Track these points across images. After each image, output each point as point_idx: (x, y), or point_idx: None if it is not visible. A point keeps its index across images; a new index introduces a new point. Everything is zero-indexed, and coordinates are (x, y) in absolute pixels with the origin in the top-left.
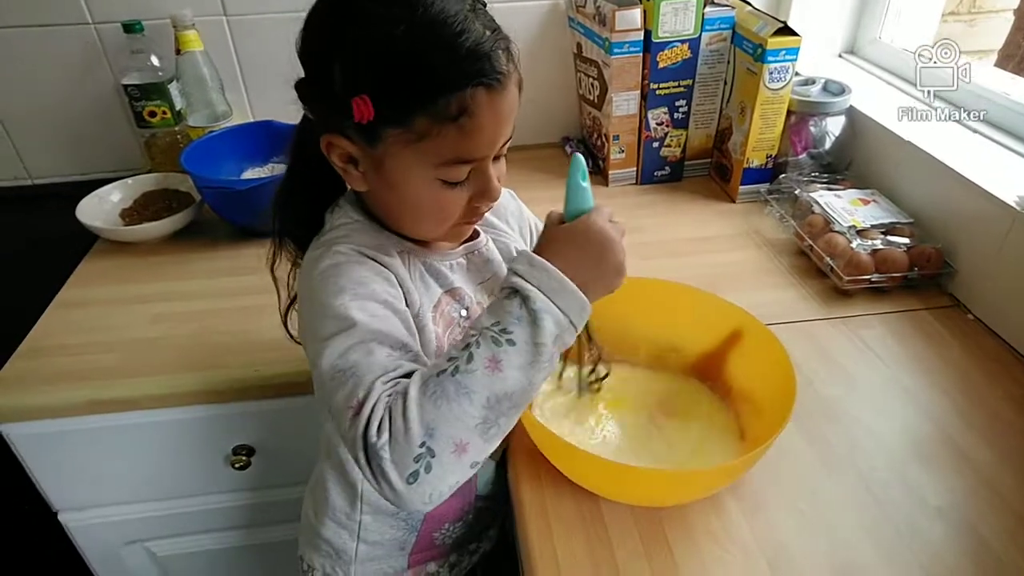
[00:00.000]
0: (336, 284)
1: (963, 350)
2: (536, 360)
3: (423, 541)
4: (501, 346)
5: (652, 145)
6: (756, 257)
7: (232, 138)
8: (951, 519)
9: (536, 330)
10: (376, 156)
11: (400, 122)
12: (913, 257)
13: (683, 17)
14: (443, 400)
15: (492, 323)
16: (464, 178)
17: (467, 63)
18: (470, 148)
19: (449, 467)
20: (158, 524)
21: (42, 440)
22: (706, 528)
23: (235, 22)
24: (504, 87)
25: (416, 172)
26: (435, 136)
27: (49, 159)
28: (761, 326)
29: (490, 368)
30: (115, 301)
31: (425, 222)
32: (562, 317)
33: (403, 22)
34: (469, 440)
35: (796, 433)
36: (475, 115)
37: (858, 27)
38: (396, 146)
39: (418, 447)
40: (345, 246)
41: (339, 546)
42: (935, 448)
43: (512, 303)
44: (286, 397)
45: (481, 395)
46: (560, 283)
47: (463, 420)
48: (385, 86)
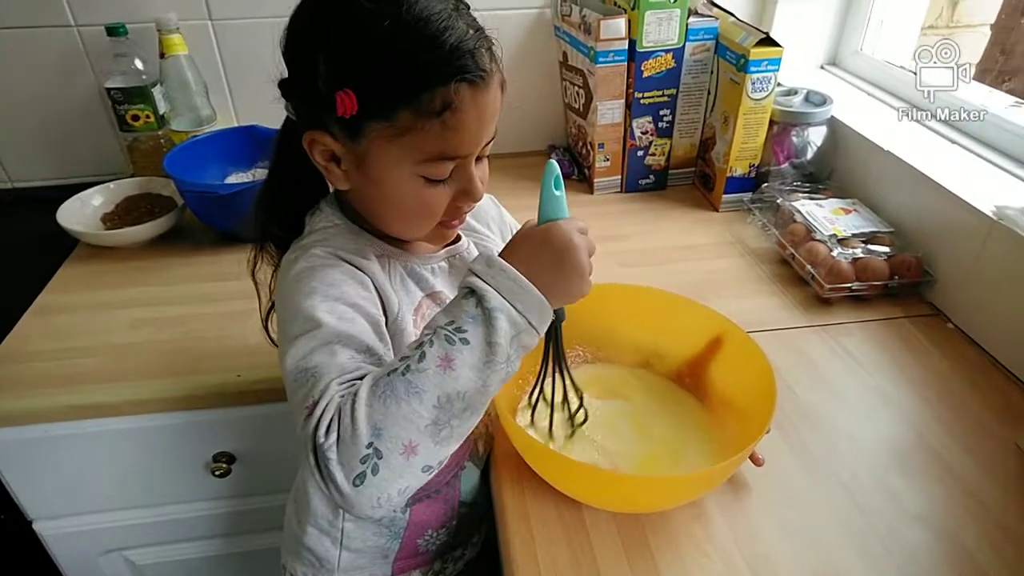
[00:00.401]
0: (308, 286)
1: (943, 358)
2: (491, 360)
3: (407, 548)
4: (454, 344)
5: (637, 154)
6: (739, 265)
7: (216, 143)
8: (933, 527)
9: (491, 329)
10: (359, 152)
11: (383, 116)
12: (893, 266)
13: (667, 27)
14: (392, 399)
15: (447, 322)
16: (447, 176)
17: (451, 59)
18: (453, 144)
19: (398, 469)
20: (137, 532)
21: (17, 446)
22: (689, 535)
23: (220, 26)
24: (487, 84)
25: (399, 168)
26: (418, 131)
27: (30, 162)
28: (743, 333)
29: (442, 367)
30: (95, 306)
31: (407, 221)
32: (518, 317)
33: (388, 17)
34: (419, 441)
35: (778, 440)
36: (458, 111)
37: (840, 39)
38: (379, 141)
39: (365, 447)
40: (321, 249)
41: (322, 554)
42: (916, 456)
43: (468, 302)
44: (268, 403)
45: (431, 394)
46: (517, 283)
47: (412, 420)
48: (369, 80)
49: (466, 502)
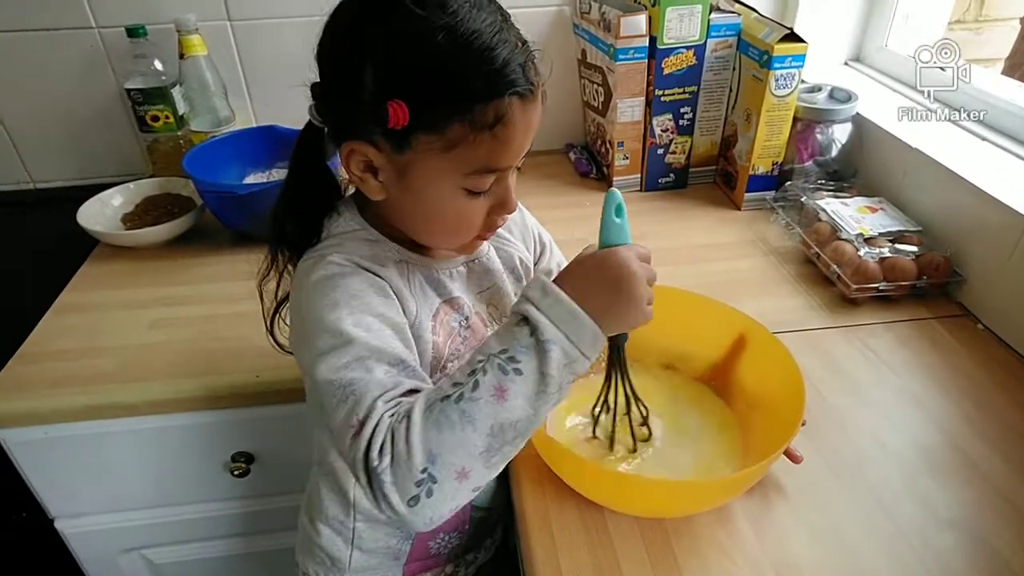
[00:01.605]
0: (330, 297)
1: (973, 360)
2: (543, 391)
3: (418, 550)
4: (508, 375)
5: (657, 152)
6: (762, 265)
7: (235, 143)
8: (963, 531)
9: (544, 360)
10: (401, 164)
11: (434, 128)
12: (921, 265)
13: (688, 23)
14: (447, 427)
15: (500, 350)
16: (487, 189)
17: (505, 72)
18: (500, 157)
19: (450, 492)
20: (155, 531)
21: (39, 446)
22: (713, 540)
23: (239, 27)
24: (535, 98)
25: (443, 180)
26: (468, 144)
27: (51, 163)
28: (770, 335)
29: (496, 397)
30: (115, 306)
31: (445, 233)
32: (571, 347)
33: (441, 29)
34: (472, 467)
35: (805, 443)
36: (509, 124)
37: (864, 35)
38: (426, 153)
39: (420, 472)
40: (338, 256)
41: (334, 554)
42: (946, 459)
43: (522, 331)
44: (286, 404)
45: (485, 424)
46: (571, 313)
47: (466, 448)
48: (423, 92)
49: (481, 506)
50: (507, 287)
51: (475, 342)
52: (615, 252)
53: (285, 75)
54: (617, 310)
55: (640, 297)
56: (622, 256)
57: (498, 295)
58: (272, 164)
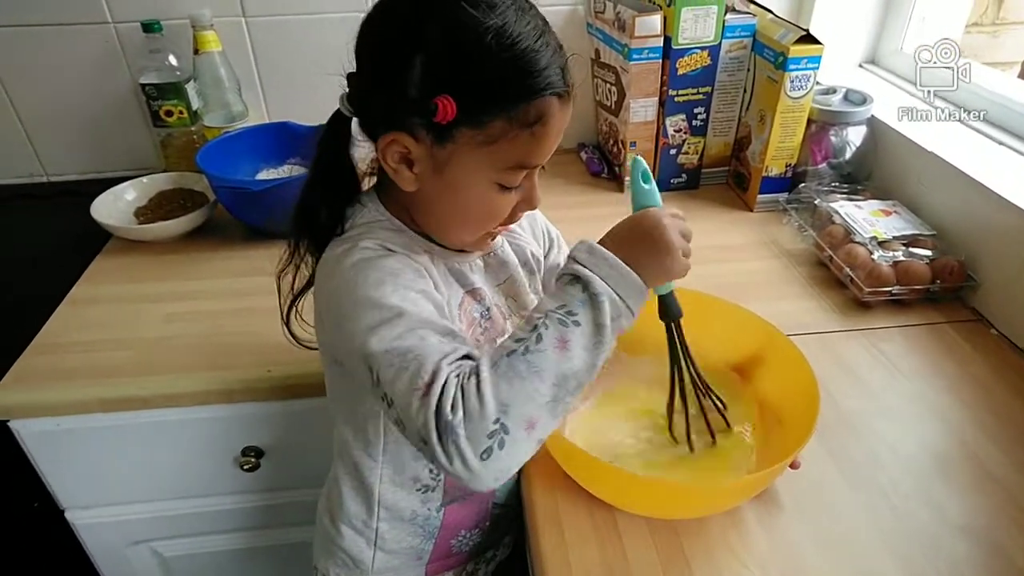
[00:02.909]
0: (373, 276)
1: (986, 365)
2: (599, 340)
3: (440, 549)
4: (568, 327)
5: (669, 152)
6: (774, 267)
7: (248, 138)
8: (977, 539)
9: (599, 312)
10: (441, 156)
11: (477, 124)
12: (935, 270)
13: (704, 24)
14: (516, 379)
15: (558, 306)
16: (518, 184)
17: (547, 73)
18: (535, 154)
19: (521, 443)
20: (165, 524)
21: (51, 437)
22: (725, 543)
23: (254, 23)
24: (570, 99)
25: (479, 174)
26: (508, 140)
27: (66, 157)
28: (785, 339)
29: (559, 347)
30: (127, 299)
31: (470, 225)
32: (619, 301)
33: (492, 30)
34: (540, 417)
35: (817, 446)
36: (547, 123)
37: (880, 37)
38: (466, 147)
39: (492, 423)
40: (371, 241)
41: (356, 555)
42: (958, 464)
43: (575, 288)
44: (297, 399)
45: (551, 373)
46: (616, 269)
47: (534, 398)
48: (471, 87)
49: (500, 503)
50: (522, 279)
51: (495, 333)
52: (647, 211)
53: (299, 71)
54: (655, 261)
55: (674, 245)
56: (653, 213)
57: (515, 287)
58: (285, 160)
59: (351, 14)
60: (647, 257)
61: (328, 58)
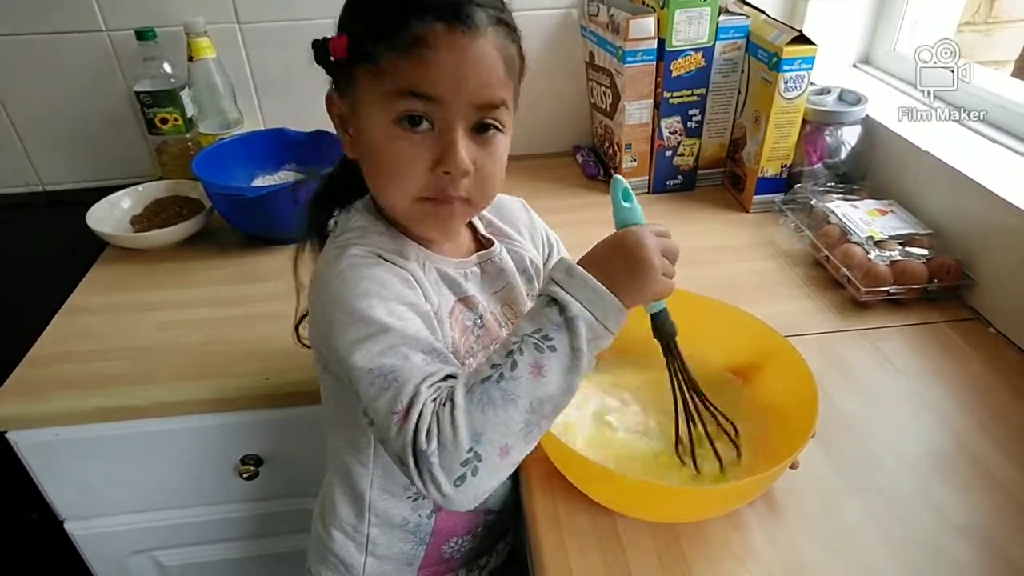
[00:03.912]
0: (360, 287)
1: (985, 364)
2: (575, 364)
3: (432, 556)
4: (543, 352)
5: (665, 154)
6: (771, 267)
7: (243, 145)
8: (977, 539)
9: (574, 336)
10: (352, 103)
11: (369, 59)
12: (932, 269)
13: (697, 26)
14: (490, 407)
15: (533, 330)
16: (419, 118)
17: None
18: (422, 80)
19: (494, 469)
20: (165, 534)
21: (49, 448)
22: (726, 546)
23: (248, 30)
24: (472, 33)
25: (377, 111)
26: (394, 68)
27: (61, 166)
28: (783, 340)
29: (533, 374)
30: (124, 308)
31: (387, 178)
32: (596, 323)
33: None
34: (514, 444)
35: (816, 448)
36: (429, 45)
37: (873, 37)
38: (364, 85)
39: (466, 452)
40: (361, 248)
41: (347, 560)
42: (959, 465)
43: (552, 311)
44: (295, 407)
45: (525, 400)
46: (595, 291)
47: (508, 425)
48: (359, 23)
49: (493, 510)
50: (520, 287)
51: (488, 341)
52: (629, 230)
53: (294, 78)
54: (634, 282)
55: (653, 265)
56: (635, 231)
57: (512, 295)
58: (280, 166)
59: None
60: (627, 278)
61: None
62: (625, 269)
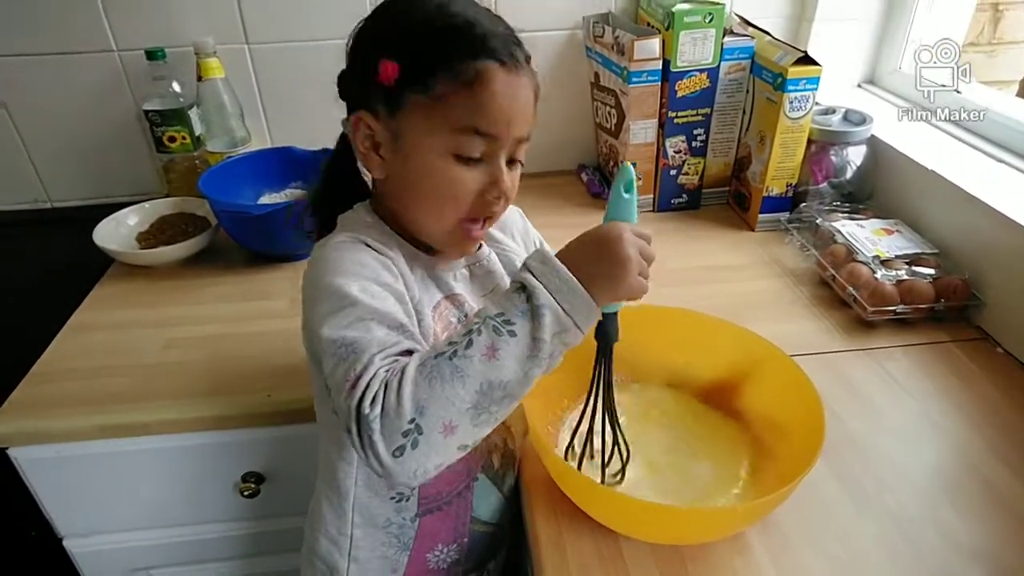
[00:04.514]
0: (338, 266)
1: (993, 384)
2: (534, 354)
3: (416, 564)
4: (501, 336)
5: (670, 173)
6: (776, 287)
7: (250, 164)
8: (988, 563)
9: (537, 325)
10: (396, 129)
11: (422, 85)
12: (939, 288)
13: (702, 47)
14: (437, 381)
15: (496, 313)
16: (476, 156)
17: (486, 40)
18: (481, 118)
19: (436, 446)
20: (165, 552)
21: (50, 465)
22: (730, 569)
23: (256, 50)
24: (518, 72)
25: (431, 139)
26: (452, 101)
27: (68, 183)
28: (789, 360)
29: (487, 356)
30: (129, 325)
31: (434, 204)
32: (564, 316)
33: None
34: (459, 423)
35: (823, 469)
36: (489, 85)
37: (878, 57)
38: (415, 114)
39: (407, 423)
40: (348, 235)
41: (331, 564)
42: (968, 486)
43: (519, 296)
44: (297, 424)
45: (475, 380)
46: (567, 283)
47: (454, 402)
48: (411, 48)
49: (481, 520)
50: None
51: None
52: (611, 224)
53: (301, 97)
54: (606, 276)
55: (629, 260)
56: (616, 226)
57: None
58: (287, 185)
59: None
60: (599, 270)
61: (330, 84)
62: (599, 261)
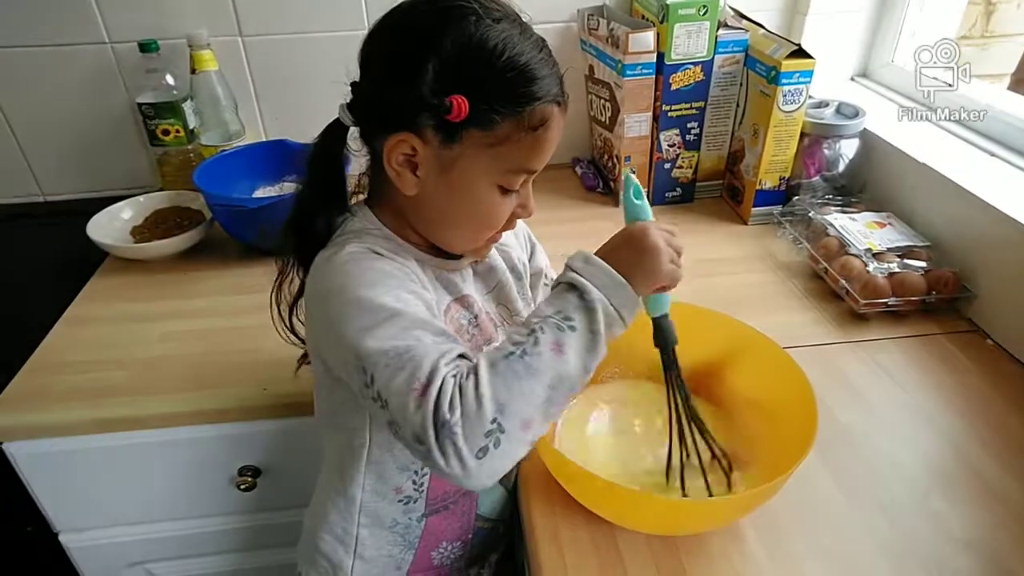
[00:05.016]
0: (364, 278)
1: (983, 377)
2: (592, 347)
3: (420, 560)
4: (564, 332)
5: (663, 166)
6: (769, 280)
7: (244, 157)
8: (979, 553)
9: (592, 318)
10: (448, 158)
11: (486, 124)
12: (930, 281)
13: (696, 40)
14: (514, 379)
15: (554, 311)
16: (517, 188)
17: (548, 81)
18: (535, 158)
19: (515, 443)
20: (161, 546)
21: (46, 459)
22: (725, 559)
23: (250, 42)
24: (565, 109)
25: (485, 176)
26: (513, 142)
27: (62, 176)
28: (781, 352)
29: (555, 351)
30: (124, 319)
31: (472, 228)
32: (612, 309)
33: (501, 40)
34: (534, 417)
35: (815, 460)
36: (548, 129)
37: (871, 50)
38: (473, 149)
39: (490, 423)
40: (358, 245)
41: (336, 562)
42: (958, 478)
43: (572, 295)
44: (293, 417)
45: (546, 375)
46: (610, 278)
47: (530, 398)
48: (482, 89)
49: (485, 517)
50: (511, 283)
51: (482, 340)
52: (636, 223)
53: (295, 89)
54: (641, 266)
55: (660, 248)
56: (641, 224)
57: (504, 292)
58: (281, 178)
59: (347, 33)
60: (635, 263)
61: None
62: (633, 254)
